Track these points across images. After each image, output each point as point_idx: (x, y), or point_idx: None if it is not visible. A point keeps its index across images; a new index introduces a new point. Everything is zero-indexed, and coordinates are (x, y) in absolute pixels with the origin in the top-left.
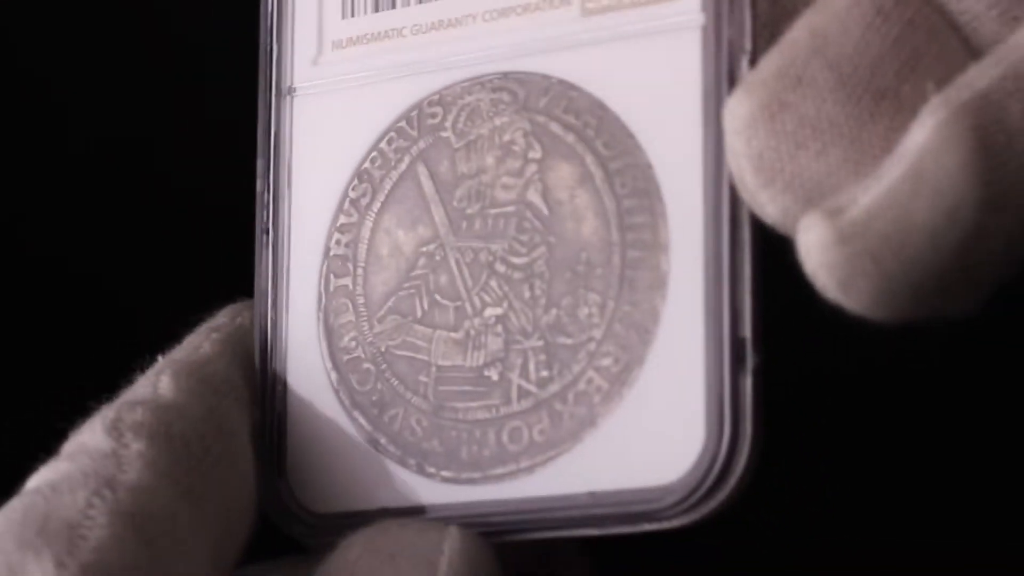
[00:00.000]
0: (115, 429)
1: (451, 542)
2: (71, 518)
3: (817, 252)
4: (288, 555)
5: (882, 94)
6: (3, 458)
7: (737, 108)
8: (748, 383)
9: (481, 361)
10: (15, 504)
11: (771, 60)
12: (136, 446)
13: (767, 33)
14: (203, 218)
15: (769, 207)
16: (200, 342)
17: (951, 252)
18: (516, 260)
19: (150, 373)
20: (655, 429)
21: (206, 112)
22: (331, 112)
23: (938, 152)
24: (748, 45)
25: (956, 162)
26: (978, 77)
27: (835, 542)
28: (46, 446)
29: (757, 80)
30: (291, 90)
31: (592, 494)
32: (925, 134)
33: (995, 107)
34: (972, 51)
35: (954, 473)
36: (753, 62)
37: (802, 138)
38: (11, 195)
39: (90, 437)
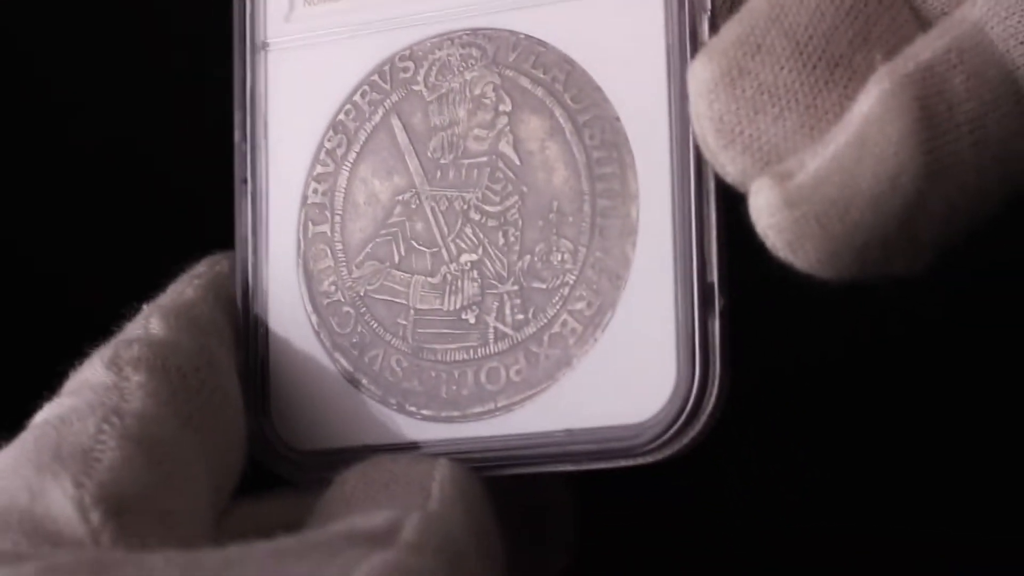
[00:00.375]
0: (114, 364)
1: (440, 470)
2: (83, 443)
3: (766, 214)
4: (276, 490)
5: (836, 62)
6: None
7: (700, 72)
8: (716, 324)
9: (458, 305)
10: (25, 436)
11: (732, 27)
12: (136, 378)
13: None
14: (180, 180)
15: (729, 167)
16: (183, 288)
17: (894, 216)
18: (490, 208)
19: (139, 317)
20: (628, 369)
21: (182, 71)
22: (305, 66)
23: (881, 120)
24: (708, 4)
25: (898, 130)
26: (923, 49)
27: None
28: None
29: (719, 46)
30: (264, 45)
31: (569, 431)
32: (870, 103)
33: (938, 78)
34: (922, 22)
35: (916, 428)
36: (713, 20)
37: (760, 103)
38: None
39: (91, 373)
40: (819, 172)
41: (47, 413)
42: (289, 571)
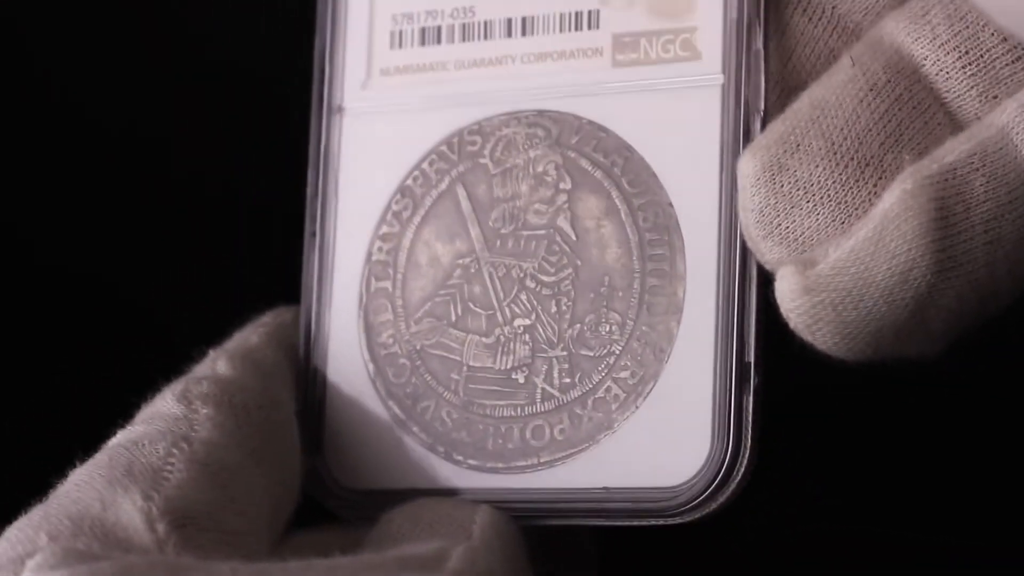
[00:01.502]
0: (184, 398)
1: (482, 515)
2: (154, 463)
3: (787, 299)
4: (325, 525)
5: (867, 162)
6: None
7: (745, 167)
8: (750, 401)
9: (509, 365)
10: (99, 456)
11: (776, 126)
12: (205, 411)
13: (778, 90)
14: (259, 229)
15: (767, 255)
16: (248, 335)
17: (905, 307)
18: (545, 278)
19: (207, 359)
20: (666, 436)
21: (264, 128)
22: (378, 132)
23: (899, 218)
24: (761, 105)
25: (914, 229)
26: (949, 151)
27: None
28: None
29: (763, 143)
30: (341, 109)
31: (607, 489)
32: (891, 201)
33: (959, 180)
34: (956, 126)
35: (933, 471)
36: (765, 120)
37: (796, 198)
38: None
39: (162, 405)
40: (837, 263)
41: (120, 438)
42: None
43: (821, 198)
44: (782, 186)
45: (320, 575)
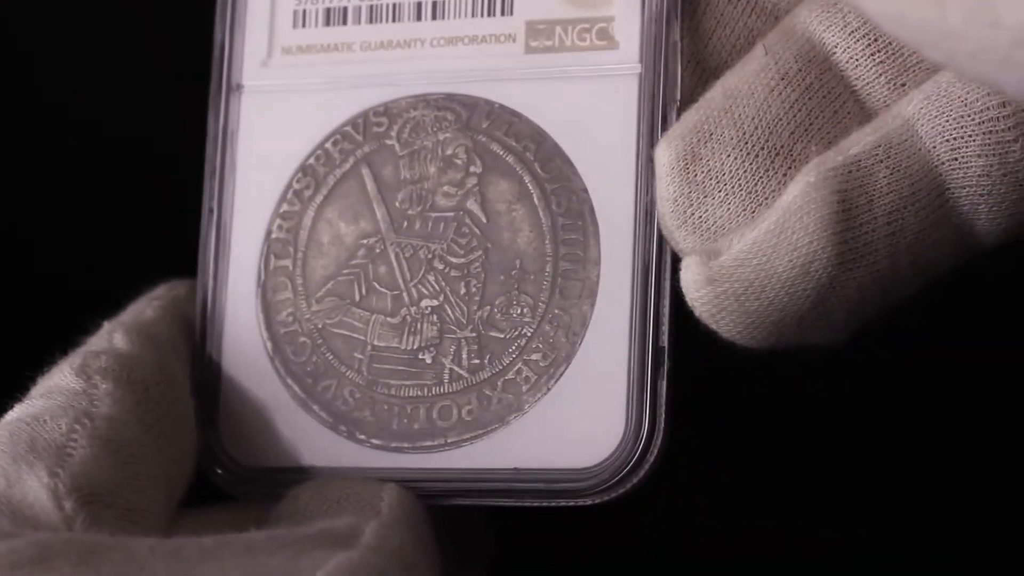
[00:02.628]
0: (84, 372)
1: (389, 493)
2: (57, 440)
3: (691, 288)
4: (221, 504)
5: (776, 152)
6: None
7: (661, 156)
8: (663, 385)
9: (416, 345)
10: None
11: (690, 115)
12: (105, 386)
13: (697, 71)
14: (155, 201)
15: (681, 244)
16: (143, 308)
17: (806, 298)
18: (454, 260)
19: (102, 332)
20: (579, 418)
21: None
22: (279, 111)
23: (801, 211)
24: (678, 95)
25: (815, 222)
26: (855, 143)
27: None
28: None
29: (677, 132)
30: (240, 87)
31: (516, 470)
32: (794, 193)
33: (863, 172)
34: (867, 114)
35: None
36: (680, 110)
37: (709, 187)
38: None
39: (61, 379)
40: (740, 255)
41: (19, 412)
42: (262, 563)
43: (732, 188)
44: (695, 175)
45: (237, 552)
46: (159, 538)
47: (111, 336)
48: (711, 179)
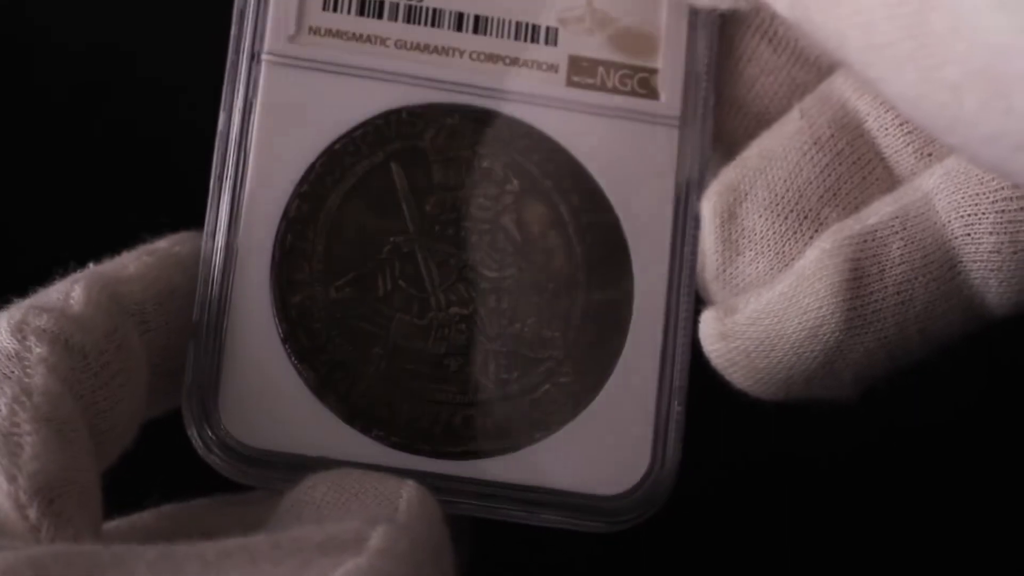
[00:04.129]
0: (19, 331)
1: (408, 490)
2: (3, 428)
3: (707, 341)
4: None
5: (804, 215)
6: None
7: (705, 210)
8: (682, 420)
9: (443, 350)
10: None
11: (728, 172)
12: (38, 350)
13: (741, 115)
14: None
15: (713, 298)
16: (128, 262)
17: (814, 360)
18: (487, 272)
19: (67, 279)
20: (606, 446)
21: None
22: (305, 87)
23: (813, 276)
24: (710, 150)
25: (826, 288)
26: (874, 212)
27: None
28: None
29: (717, 189)
30: (262, 57)
31: (537, 488)
32: (810, 258)
33: (878, 243)
34: (895, 181)
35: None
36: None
37: (742, 246)
38: None
39: None
40: (752, 315)
41: None
42: (267, 574)
43: (762, 248)
44: (730, 233)
45: (241, 563)
46: (159, 548)
47: (70, 289)
48: (744, 238)
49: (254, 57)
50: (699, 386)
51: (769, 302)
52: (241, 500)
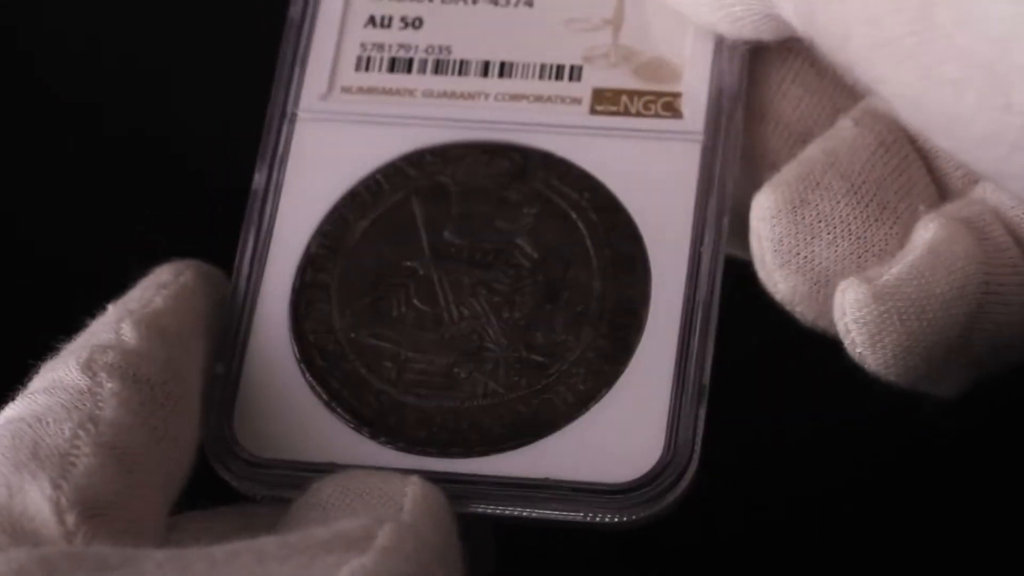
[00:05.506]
0: (89, 368)
1: (413, 487)
2: (60, 446)
3: (853, 308)
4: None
5: (884, 206)
6: None
7: (765, 200)
8: (703, 416)
9: (452, 360)
10: (1, 432)
11: (792, 167)
12: (109, 385)
13: (786, 133)
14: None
15: (781, 284)
16: (151, 296)
17: (959, 322)
18: (499, 287)
19: (108, 320)
20: (616, 436)
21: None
22: (332, 139)
23: (949, 240)
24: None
25: (964, 248)
26: (961, 209)
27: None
28: None
29: (782, 180)
30: (296, 116)
31: (547, 480)
32: (934, 229)
33: (980, 230)
34: (942, 194)
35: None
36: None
37: (817, 229)
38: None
39: (65, 374)
40: (900, 275)
41: (21, 410)
42: (274, 572)
43: (842, 231)
44: (804, 218)
45: (248, 562)
46: (168, 551)
47: (118, 327)
48: (820, 222)
49: (286, 116)
50: (721, 384)
51: (914, 263)
52: (252, 511)
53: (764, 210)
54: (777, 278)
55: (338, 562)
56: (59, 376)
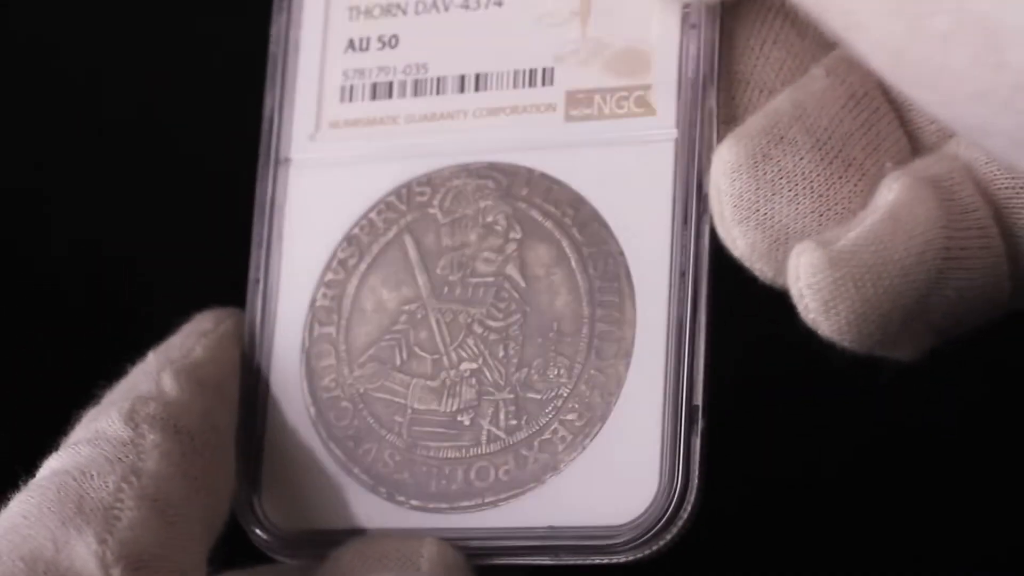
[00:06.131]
0: (131, 420)
1: (429, 547)
2: (104, 500)
3: (807, 273)
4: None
5: (849, 163)
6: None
7: (726, 154)
8: (697, 443)
9: (455, 407)
10: (45, 483)
11: (757, 120)
12: (152, 437)
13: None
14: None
15: (740, 241)
16: (192, 345)
17: (916, 289)
18: (493, 323)
19: (149, 370)
20: (614, 475)
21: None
22: (325, 183)
23: (911, 204)
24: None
25: (925, 213)
26: (931, 166)
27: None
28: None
29: (744, 133)
30: (288, 160)
31: (551, 528)
32: (897, 190)
33: (947, 189)
34: (914, 148)
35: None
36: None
37: (779, 186)
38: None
39: (107, 425)
40: (858, 240)
41: (66, 461)
42: None
43: (804, 188)
44: (765, 173)
45: None
46: None
47: (159, 378)
48: (781, 178)
49: (279, 161)
50: (719, 408)
51: (872, 228)
52: (287, 570)
53: (725, 164)
54: (736, 234)
55: None
56: (102, 427)
